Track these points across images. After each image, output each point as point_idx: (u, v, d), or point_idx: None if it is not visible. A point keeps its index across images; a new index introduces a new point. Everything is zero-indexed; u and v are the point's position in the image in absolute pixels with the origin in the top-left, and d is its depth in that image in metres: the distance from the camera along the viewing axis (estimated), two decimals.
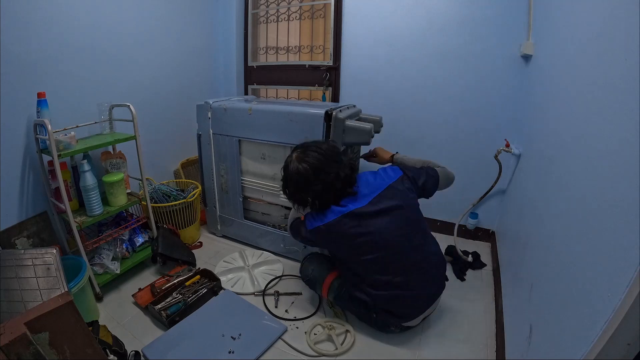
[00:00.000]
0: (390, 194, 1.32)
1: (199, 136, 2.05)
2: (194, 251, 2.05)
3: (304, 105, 1.83)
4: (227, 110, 1.89)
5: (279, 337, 1.46)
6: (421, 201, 2.26)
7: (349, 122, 1.63)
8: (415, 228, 1.36)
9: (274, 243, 2.05)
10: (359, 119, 1.85)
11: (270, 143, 1.84)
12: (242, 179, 2.02)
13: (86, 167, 1.53)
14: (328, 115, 1.63)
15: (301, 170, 1.30)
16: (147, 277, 1.85)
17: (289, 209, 1.98)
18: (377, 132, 1.87)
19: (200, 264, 1.96)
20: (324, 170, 1.28)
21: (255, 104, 1.87)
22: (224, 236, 2.27)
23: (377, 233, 1.27)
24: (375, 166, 1.64)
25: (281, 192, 1.91)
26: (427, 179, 1.44)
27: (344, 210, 1.28)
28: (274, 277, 1.84)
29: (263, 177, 1.97)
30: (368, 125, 1.61)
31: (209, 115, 1.95)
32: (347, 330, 1.49)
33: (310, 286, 1.61)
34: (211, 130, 1.98)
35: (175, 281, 1.71)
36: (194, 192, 2.12)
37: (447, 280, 1.47)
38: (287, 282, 1.83)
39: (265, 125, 1.81)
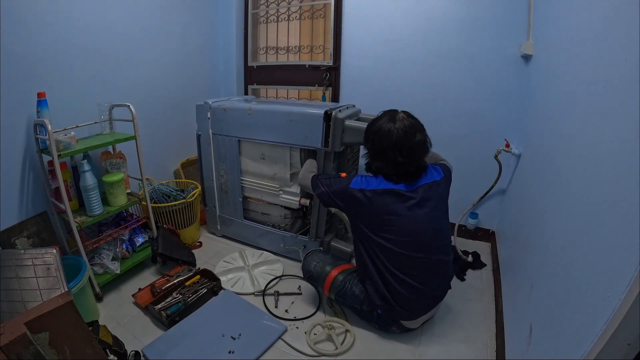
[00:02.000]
0: (431, 190, 1.33)
1: (198, 136, 2.05)
2: (194, 251, 2.05)
3: (303, 105, 1.83)
4: (227, 111, 1.89)
5: (279, 337, 1.46)
6: None
7: (348, 122, 1.63)
8: (443, 229, 1.38)
9: (273, 243, 2.06)
10: (359, 119, 1.85)
11: (270, 143, 1.84)
12: (241, 179, 2.02)
13: (86, 167, 1.53)
14: (327, 115, 1.64)
15: (416, 126, 1.29)
16: (147, 277, 1.85)
17: (288, 209, 1.99)
18: None
19: (200, 264, 1.96)
20: (426, 141, 1.32)
21: (255, 104, 1.87)
22: (223, 236, 2.27)
23: (411, 219, 1.28)
24: None
25: (280, 191, 1.92)
26: None
27: (392, 186, 1.29)
28: (274, 277, 1.84)
29: (263, 177, 1.97)
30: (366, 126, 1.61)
31: (209, 115, 1.95)
32: (347, 330, 1.49)
33: (312, 283, 1.60)
34: (211, 131, 1.98)
35: (175, 281, 1.71)
36: (193, 192, 2.12)
37: (450, 288, 1.49)
38: (287, 282, 1.83)
39: (265, 125, 1.81)
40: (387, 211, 1.28)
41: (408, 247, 1.30)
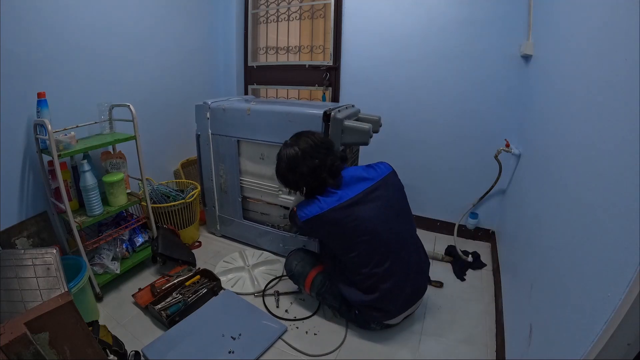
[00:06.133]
0: (382, 186, 1.38)
1: (197, 136, 2.05)
2: (193, 251, 2.05)
3: (302, 106, 1.83)
4: (226, 111, 1.89)
5: (279, 337, 1.46)
6: (421, 200, 2.27)
7: (347, 122, 1.63)
8: (404, 221, 1.41)
9: (273, 243, 2.06)
10: (358, 119, 1.85)
11: (269, 143, 1.84)
12: (241, 179, 2.02)
13: (86, 167, 1.53)
14: (326, 116, 1.63)
15: (291, 153, 1.38)
16: (147, 277, 1.85)
17: (287, 208, 1.99)
18: (376, 131, 1.87)
19: (200, 264, 1.96)
20: (312, 156, 1.36)
21: (254, 104, 1.87)
22: (223, 236, 2.27)
23: (367, 220, 1.31)
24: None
25: (279, 191, 1.92)
26: None
27: (335, 201, 1.32)
28: (274, 277, 1.84)
29: (262, 177, 1.97)
30: (367, 125, 1.61)
31: (208, 115, 1.95)
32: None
33: (294, 281, 1.63)
34: (210, 131, 1.98)
35: (175, 281, 1.71)
36: (192, 192, 2.12)
37: (430, 283, 1.51)
38: (287, 282, 1.83)
39: (264, 126, 1.81)
40: (343, 223, 1.30)
41: (369, 256, 1.33)
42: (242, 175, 2.02)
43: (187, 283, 1.72)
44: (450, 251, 2.05)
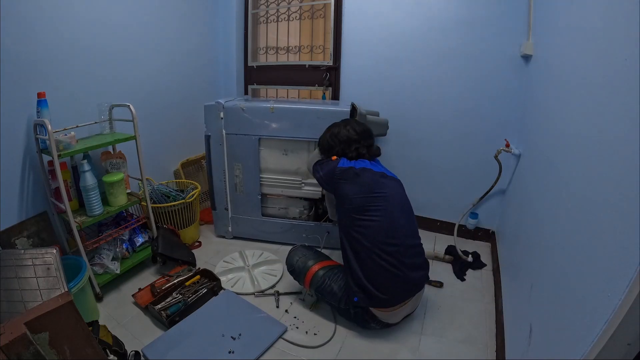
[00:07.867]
0: (396, 182, 1.53)
1: (207, 137, 2.02)
2: (193, 251, 2.05)
3: (318, 104, 1.93)
4: (246, 110, 1.91)
5: (279, 337, 1.46)
6: (422, 199, 2.27)
7: (368, 116, 1.71)
8: (412, 215, 1.51)
9: (295, 235, 2.10)
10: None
11: (294, 139, 1.91)
12: (260, 177, 2.04)
13: (86, 167, 1.53)
14: (354, 109, 1.73)
15: (337, 129, 1.59)
16: (147, 277, 1.85)
17: (307, 200, 2.08)
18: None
19: (200, 264, 1.96)
20: (354, 131, 1.57)
21: (273, 103, 1.92)
22: (235, 237, 2.24)
23: (389, 195, 1.43)
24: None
25: (302, 183, 2.00)
26: None
27: (374, 166, 1.51)
28: (274, 276, 1.84)
29: (285, 173, 2.02)
30: (385, 119, 1.73)
31: (221, 115, 1.94)
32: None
33: (294, 276, 1.63)
34: (224, 131, 1.98)
35: (175, 281, 1.71)
36: (192, 192, 2.12)
37: (430, 282, 1.57)
38: (287, 282, 1.83)
39: (290, 123, 1.88)
40: (372, 186, 1.42)
41: (385, 232, 1.38)
42: (262, 172, 2.04)
43: (187, 283, 1.72)
44: (450, 251, 2.05)
